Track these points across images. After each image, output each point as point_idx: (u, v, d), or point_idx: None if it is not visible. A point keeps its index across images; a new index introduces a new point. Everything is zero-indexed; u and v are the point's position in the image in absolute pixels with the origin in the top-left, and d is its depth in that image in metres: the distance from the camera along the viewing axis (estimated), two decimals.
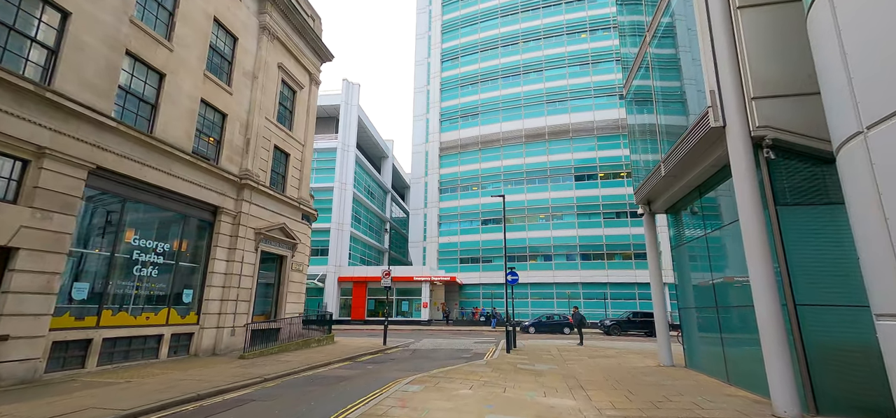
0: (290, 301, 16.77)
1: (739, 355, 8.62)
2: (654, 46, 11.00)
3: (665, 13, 10.18)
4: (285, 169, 17.34)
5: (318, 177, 40.30)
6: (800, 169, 7.17)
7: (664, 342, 11.86)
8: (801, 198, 7.09)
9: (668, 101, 10.26)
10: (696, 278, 10.76)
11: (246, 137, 14.81)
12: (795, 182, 7.16)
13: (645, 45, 11.47)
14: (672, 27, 9.90)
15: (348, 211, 39.48)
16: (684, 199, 10.95)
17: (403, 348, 17.60)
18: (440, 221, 44.63)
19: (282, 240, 16.22)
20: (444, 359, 13.86)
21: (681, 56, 9.29)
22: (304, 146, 18.60)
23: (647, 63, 11.32)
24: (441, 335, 25.51)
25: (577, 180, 40.30)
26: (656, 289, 12.37)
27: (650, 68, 11.10)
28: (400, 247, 56.31)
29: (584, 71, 42.40)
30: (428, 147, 47.89)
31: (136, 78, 10.95)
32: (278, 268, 16.65)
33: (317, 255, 38.48)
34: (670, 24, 9.97)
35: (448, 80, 48.63)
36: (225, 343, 13.08)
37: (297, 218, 17.65)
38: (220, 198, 13.44)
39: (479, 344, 19.60)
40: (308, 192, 18.68)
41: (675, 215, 11.94)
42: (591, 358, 13.72)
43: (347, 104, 41.72)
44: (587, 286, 37.76)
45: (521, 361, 12.79)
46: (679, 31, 9.51)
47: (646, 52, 11.39)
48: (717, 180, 9.06)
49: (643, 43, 11.67)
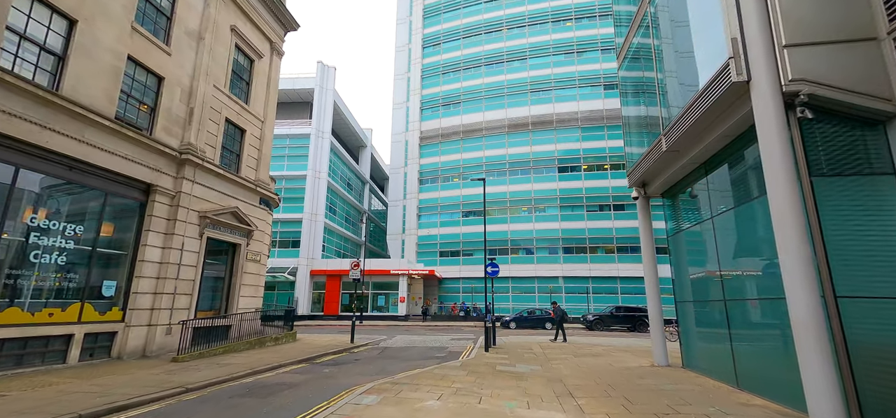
0: (245, 294, 14.92)
1: (754, 356, 7.40)
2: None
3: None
4: (240, 147, 15.40)
5: (290, 164, 38.10)
6: (838, 133, 5.92)
7: (659, 340, 10.67)
8: (839, 167, 5.85)
9: (674, 61, 8.94)
10: (698, 269, 9.56)
11: (189, 107, 12.84)
12: (833, 148, 5.90)
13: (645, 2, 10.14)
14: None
15: (322, 200, 37.42)
16: (685, 180, 9.71)
17: (372, 346, 16.01)
18: (420, 213, 43.02)
19: (234, 225, 14.34)
20: (415, 359, 12.36)
21: (690, 6, 7.96)
22: (264, 123, 16.67)
23: (647, 20, 9.99)
24: (417, 331, 24.02)
25: (561, 172, 39.31)
26: (651, 282, 11.16)
27: (650, 26, 9.78)
28: (379, 241, 54.43)
29: (569, 60, 41.35)
30: (408, 136, 46.09)
31: (34, 20, 8.92)
32: (230, 258, 14.76)
33: (288, 247, 36.38)
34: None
35: (429, 67, 46.86)
36: (158, 343, 11.21)
37: (255, 202, 15.77)
38: (154, 175, 11.50)
39: (456, 341, 18.19)
40: (268, 175, 16.79)
41: (673, 199, 10.72)
42: (578, 358, 12.47)
43: (322, 88, 39.49)
44: (569, 280, 36.91)
45: (501, 361, 11.41)
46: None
47: (646, 9, 10.05)
48: (729, 153, 7.80)
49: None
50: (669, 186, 10.48)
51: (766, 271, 6.91)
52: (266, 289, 37.13)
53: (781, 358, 6.55)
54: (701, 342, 9.60)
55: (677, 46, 8.58)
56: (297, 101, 41.86)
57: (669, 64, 8.96)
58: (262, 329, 15.90)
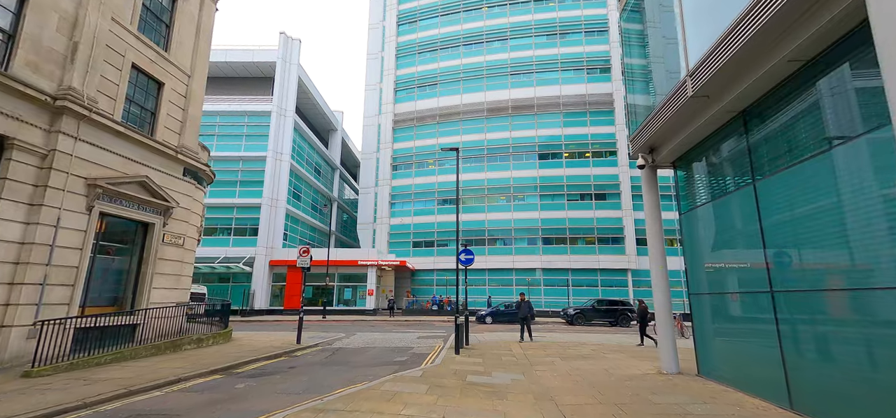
0: (161, 285, 12.05)
1: (826, 368, 5.34)
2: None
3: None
4: (156, 103, 12.42)
5: (249, 144, 34.64)
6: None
7: (668, 342, 8.60)
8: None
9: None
10: (725, 252, 7.50)
11: (72, 40, 9.82)
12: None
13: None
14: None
15: (284, 185, 34.18)
16: (711, 139, 7.60)
17: (322, 347, 13.46)
18: (392, 201, 40.32)
19: (144, 200, 11.42)
20: (368, 366, 9.92)
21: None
22: (192, 79, 13.69)
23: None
24: (383, 327, 21.55)
25: (541, 158, 37.42)
26: (658, 268, 9.05)
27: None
28: (350, 231, 51.33)
29: (552, 41, 39.39)
30: (381, 119, 43.10)
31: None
32: (141, 240, 11.84)
33: (244, 235, 33.06)
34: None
35: (405, 46, 43.96)
36: (14, 350, 8.31)
37: (176, 173, 12.84)
38: (11, 125, 8.52)
39: (424, 340, 15.85)
40: (197, 142, 13.85)
41: (688, 167, 8.63)
42: (566, 361, 10.34)
43: (286, 61, 36.06)
44: (548, 272, 35.18)
45: (474, 368, 9.12)
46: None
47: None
48: (792, 88, 5.68)
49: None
50: (686, 150, 8.38)
51: (856, 251, 4.82)
52: (219, 282, 33.92)
53: (868, 374, 4.49)
54: (725, 344, 7.57)
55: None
56: (258, 75, 38.24)
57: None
58: (188, 327, 13.08)
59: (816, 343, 5.45)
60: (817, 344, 5.43)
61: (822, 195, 5.20)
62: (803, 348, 5.61)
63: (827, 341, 5.29)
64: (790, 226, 5.76)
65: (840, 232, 4.97)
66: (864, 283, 4.68)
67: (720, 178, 7.45)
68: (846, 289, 4.95)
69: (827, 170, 5.13)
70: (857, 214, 4.76)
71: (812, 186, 5.36)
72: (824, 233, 5.20)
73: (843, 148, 4.91)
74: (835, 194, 5.02)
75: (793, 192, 5.70)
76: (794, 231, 5.70)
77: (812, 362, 5.46)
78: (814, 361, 5.44)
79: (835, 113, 5.06)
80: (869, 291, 4.62)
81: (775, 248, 6.04)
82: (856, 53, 4.67)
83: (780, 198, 5.93)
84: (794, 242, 5.73)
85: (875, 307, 4.57)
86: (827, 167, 5.14)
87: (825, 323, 5.32)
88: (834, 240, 5.06)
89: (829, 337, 5.25)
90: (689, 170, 8.59)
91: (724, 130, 7.10)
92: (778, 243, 5.99)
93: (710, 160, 7.74)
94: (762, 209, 6.25)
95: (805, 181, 5.48)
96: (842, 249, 4.96)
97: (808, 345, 5.56)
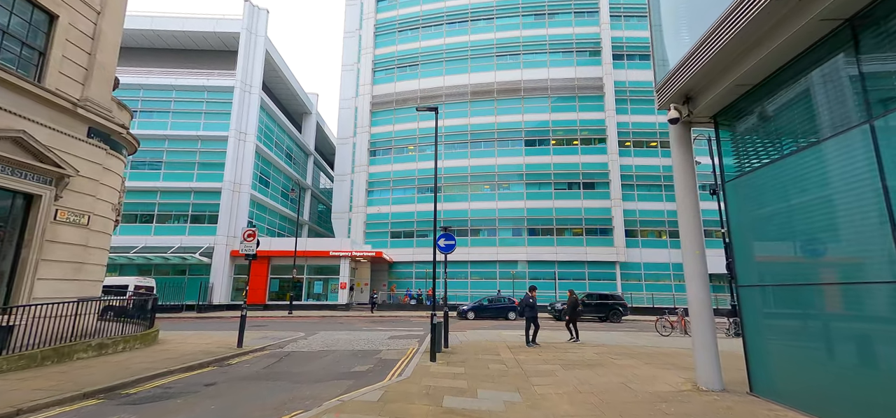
0: (50, 276, 9.33)
1: None
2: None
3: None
4: (47, 41, 9.60)
5: (208, 123, 31.39)
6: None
7: (709, 349, 6.54)
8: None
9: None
10: (802, 229, 5.44)
11: None
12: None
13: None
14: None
15: (249, 168, 31.11)
16: (789, 70, 5.49)
17: (271, 351, 10.98)
18: (369, 188, 37.67)
19: (22, 162, 8.67)
20: (314, 381, 7.55)
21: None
22: (102, 16, 10.87)
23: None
24: (353, 324, 19.13)
25: (528, 145, 35.45)
26: (693, 253, 6.92)
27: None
28: (326, 222, 48.32)
29: (540, 22, 37.33)
30: (358, 102, 40.23)
31: None
32: (23, 217, 9.09)
33: (202, 223, 29.90)
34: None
35: (384, 23, 41.13)
36: None
37: (78, 133, 10.07)
38: None
39: (397, 340, 13.56)
40: (109, 95, 11.04)
41: (739, 118, 6.54)
42: (569, 370, 8.23)
43: (251, 32, 32.81)
44: (534, 264, 33.34)
45: (453, 384, 6.89)
46: None
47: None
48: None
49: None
50: (740, 95, 6.26)
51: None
52: (175, 274, 30.59)
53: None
54: (797, 355, 5.54)
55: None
56: (221, 48, 34.82)
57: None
58: (99, 328, 10.38)
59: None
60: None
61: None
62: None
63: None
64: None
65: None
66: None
67: (800, 126, 5.37)
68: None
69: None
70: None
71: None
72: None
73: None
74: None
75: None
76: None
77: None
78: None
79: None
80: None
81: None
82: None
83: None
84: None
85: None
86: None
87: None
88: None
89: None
90: (741, 122, 6.51)
91: (815, 52, 5.00)
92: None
93: (781, 102, 5.65)
94: (886, 162, 4.18)
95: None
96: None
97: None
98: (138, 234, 29.22)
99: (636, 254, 33.07)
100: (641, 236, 33.52)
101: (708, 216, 32.21)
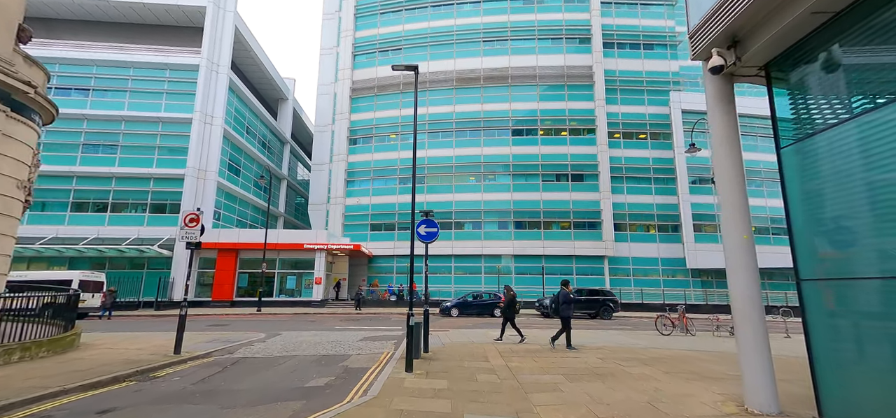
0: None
1: None
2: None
3: None
4: None
5: (169, 104, 28.83)
6: None
7: (761, 363, 5.09)
8: None
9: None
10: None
11: None
12: None
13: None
14: None
15: (216, 154, 28.69)
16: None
17: (216, 358, 9.13)
18: (348, 178, 35.60)
19: None
20: (255, 402, 5.80)
21: None
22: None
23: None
24: (324, 323, 17.31)
25: (515, 135, 34.00)
26: (737, 238, 5.43)
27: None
28: (304, 215, 45.90)
29: (528, 6, 35.83)
30: (337, 87, 37.96)
31: None
32: None
33: (163, 212, 27.40)
34: None
35: (365, 5, 38.93)
36: None
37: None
38: None
39: (370, 342, 11.86)
40: (10, 43, 8.93)
41: (803, 67, 5.08)
42: (575, 382, 6.71)
43: (219, 7, 30.28)
44: (520, 259, 32.01)
45: (432, 406, 5.25)
46: None
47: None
48: None
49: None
50: (810, 31, 4.79)
51: None
52: (131, 268, 27.97)
53: None
54: (888, 372, 4.11)
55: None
56: (186, 24, 32.08)
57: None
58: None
59: None
60: None
61: None
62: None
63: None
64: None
65: None
66: None
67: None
68: None
69: None
70: None
71: None
72: None
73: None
74: None
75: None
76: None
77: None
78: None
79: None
80: None
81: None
82: None
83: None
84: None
85: None
86: None
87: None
88: None
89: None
90: (809, 67, 5.04)
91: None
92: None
93: (863, 44, 4.19)
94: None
95: None
96: None
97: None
98: (90, 225, 26.52)
99: (625, 248, 32.11)
100: (630, 230, 32.59)
101: (701, 210, 31.49)
